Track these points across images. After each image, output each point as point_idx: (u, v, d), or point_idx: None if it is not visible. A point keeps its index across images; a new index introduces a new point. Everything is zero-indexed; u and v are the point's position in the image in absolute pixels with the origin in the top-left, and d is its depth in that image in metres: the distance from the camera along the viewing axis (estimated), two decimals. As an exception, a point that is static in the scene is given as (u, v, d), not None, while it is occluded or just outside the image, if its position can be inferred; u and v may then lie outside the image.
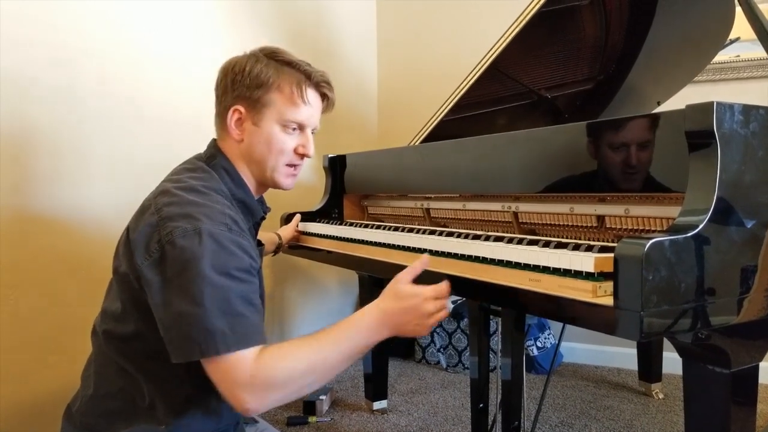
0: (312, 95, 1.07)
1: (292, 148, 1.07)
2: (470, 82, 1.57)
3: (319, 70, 1.09)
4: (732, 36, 1.68)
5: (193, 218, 0.88)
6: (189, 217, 0.89)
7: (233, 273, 0.87)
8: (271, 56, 1.06)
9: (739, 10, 1.37)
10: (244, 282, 0.89)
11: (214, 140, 1.10)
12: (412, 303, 0.93)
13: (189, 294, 0.83)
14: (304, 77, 1.06)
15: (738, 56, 2.21)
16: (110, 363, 0.97)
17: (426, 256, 1.02)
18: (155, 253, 0.88)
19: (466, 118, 1.73)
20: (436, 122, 1.69)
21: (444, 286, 0.96)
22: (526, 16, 1.44)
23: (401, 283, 0.95)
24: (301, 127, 1.07)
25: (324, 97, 1.11)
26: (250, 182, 1.08)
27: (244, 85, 1.03)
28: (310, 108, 1.07)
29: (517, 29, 1.45)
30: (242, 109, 1.04)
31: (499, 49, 1.49)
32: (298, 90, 1.04)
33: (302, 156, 1.09)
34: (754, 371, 0.89)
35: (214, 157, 1.05)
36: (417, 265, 0.99)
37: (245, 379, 0.84)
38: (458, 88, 1.61)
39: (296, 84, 1.04)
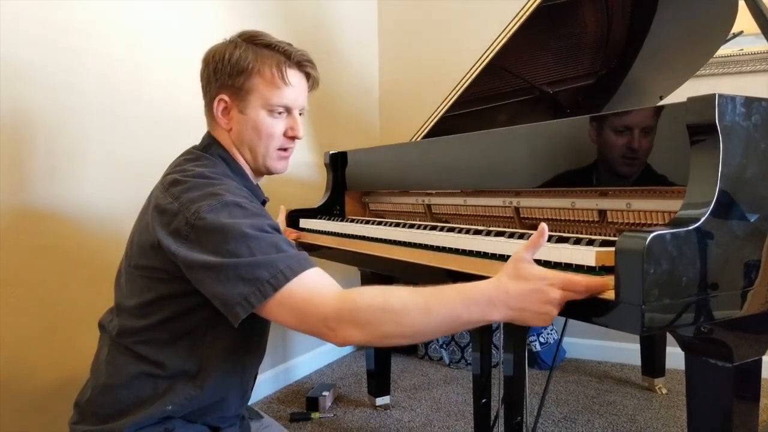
0: (294, 75, 1.05)
1: (281, 132, 1.06)
2: (471, 78, 1.57)
3: (300, 49, 1.06)
4: (735, 30, 1.67)
5: (215, 194, 0.91)
6: (210, 195, 0.91)
7: (268, 229, 0.89)
8: (250, 40, 1.04)
9: (742, 3, 1.36)
10: (281, 234, 0.91)
11: (208, 131, 1.10)
12: (537, 286, 0.76)
13: (239, 251, 0.84)
14: (284, 58, 1.04)
15: (741, 50, 2.20)
16: (124, 354, 0.97)
17: (544, 224, 0.81)
18: (188, 234, 0.88)
19: (467, 114, 1.73)
20: (437, 118, 1.69)
21: (580, 279, 0.77)
22: (526, 11, 1.44)
23: (524, 261, 0.79)
24: (287, 110, 1.06)
25: (307, 76, 1.09)
26: (246, 169, 1.09)
27: (225, 73, 1.02)
28: (293, 89, 1.05)
29: (518, 24, 1.45)
30: (227, 98, 1.03)
31: (500, 45, 1.49)
32: (278, 72, 1.02)
33: (292, 138, 1.08)
34: (757, 365, 0.88)
35: (210, 146, 1.06)
36: (537, 237, 0.80)
37: (327, 291, 0.84)
38: (459, 84, 1.61)
39: (276, 66, 1.02)
